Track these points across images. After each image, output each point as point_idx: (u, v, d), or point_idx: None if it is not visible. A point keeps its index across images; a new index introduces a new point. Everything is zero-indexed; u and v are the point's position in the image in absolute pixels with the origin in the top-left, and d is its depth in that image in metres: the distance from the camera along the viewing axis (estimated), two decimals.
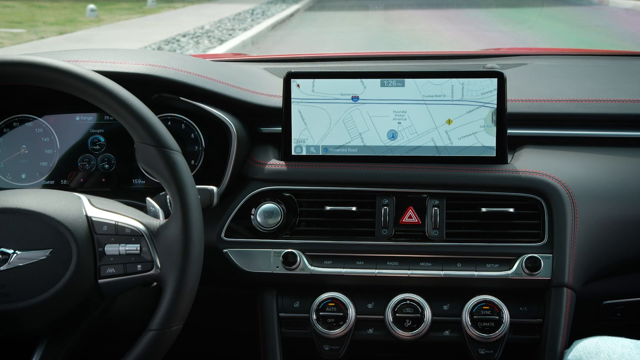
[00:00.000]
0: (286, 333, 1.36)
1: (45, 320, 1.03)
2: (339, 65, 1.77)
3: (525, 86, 1.49)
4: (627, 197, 1.33)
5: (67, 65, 1.03)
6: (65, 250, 1.02)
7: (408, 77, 1.34)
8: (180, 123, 1.40)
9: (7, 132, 1.42)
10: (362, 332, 1.33)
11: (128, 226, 1.05)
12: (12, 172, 1.41)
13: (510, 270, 1.29)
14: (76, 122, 1.43)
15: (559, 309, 1.27)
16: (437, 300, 1.31)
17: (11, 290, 1.01)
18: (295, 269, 1.31)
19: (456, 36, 9.28)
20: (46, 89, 1.07)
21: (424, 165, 1.34)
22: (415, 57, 1.84)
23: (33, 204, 1.05)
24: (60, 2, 14.49)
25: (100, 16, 12.59)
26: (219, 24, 11.33)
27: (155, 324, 1.04)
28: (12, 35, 9.89)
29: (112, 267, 1.04)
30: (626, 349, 1.14)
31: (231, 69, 1.54)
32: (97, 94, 1.03)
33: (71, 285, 1.01)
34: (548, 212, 1.30)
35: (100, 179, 1.41)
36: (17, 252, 1.02)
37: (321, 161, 1.36)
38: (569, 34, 9.62)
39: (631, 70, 1.69)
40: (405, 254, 1.32)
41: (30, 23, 11.43)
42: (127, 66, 1.35)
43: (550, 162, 1.35)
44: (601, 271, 1.32)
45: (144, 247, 1.04)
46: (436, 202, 1.32)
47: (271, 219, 1.33)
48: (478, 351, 1.30)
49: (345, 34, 10.04)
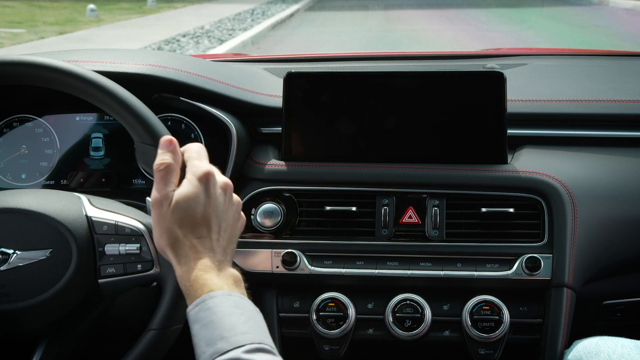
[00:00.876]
0: (286, 333, 1.36)
1: (45, 320, 1.03)
2: (339, 66, 1.77)
3: (525, 86, 1.49)
4: (627, 197, 1.33)
5: (68, 65, 1.03)
6: (65, 250, 1.02)
7: (408, 77, 1.34)
8: (180, 123, 1.40)
9: (7, 132, 1.42)
10: (362, 332, 1.33)
11: (128, 226, 1.05)
12: (12, 172, 1.41)
13: (510, 270, 1.29)
14: (76, 122, 1.43)
15: (559, 309, 1.27)
16: (437, 300, 1.31)
17: (11, 290, 1.01)
18: (295, 269, 1.31)
19: (456, 36, 9.28)
20: (46, 89, 1.07)
21: (424, 165, 1.34)
22: (415, 57, 1.84)
23: (33, 204, 1.05)
24: (60, 2, 14.53)
25: (100, 16, 12.61)
26: (219, 24, 11.34)
27: (155, 323, 1.04)
28: (12, 36, 9.90)
29: (112, 267, 1.04)
30: (626, 349, 1.14)
31: (231, 69, 1.54)
32: (97, 94, 1.03)
33: (71, 285, 1.01)
34: (548, 212, 1.30)
35: (100, 179, 1.41)
36: (17, 252, 1.02)
37: (321, 161, 1.36)
38: (569, 33, 9.62)
39: (631, 70, 1.69)
40: (405, 254, 1.31)
41: (30, 23, 11.46)
42: (127, 66, 1.35)
43: (550, 162, 1.35)
44: (601, 271, 1.32)
45: (144, 246, 1.04)
46: (436, 202, 1.32)
47: (271, 219, 1.33)
48: (478, 351, 1.30)
49: (345, 34, 10.04)
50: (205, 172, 0.95)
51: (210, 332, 0.83)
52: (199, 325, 0.85)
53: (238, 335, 0.82)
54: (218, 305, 0.85)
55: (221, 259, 0.93)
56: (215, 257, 0.92)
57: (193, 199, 0.93)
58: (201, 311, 0.85)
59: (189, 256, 0.91)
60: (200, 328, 0.84)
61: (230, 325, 0.83)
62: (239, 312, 0.85)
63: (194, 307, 0.87)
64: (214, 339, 0.82)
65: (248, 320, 0.85)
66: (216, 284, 0.88)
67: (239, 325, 0.83)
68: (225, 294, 0.87)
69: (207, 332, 0.83)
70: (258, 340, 0.82)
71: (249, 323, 0.85)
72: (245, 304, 0.88)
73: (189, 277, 0.90)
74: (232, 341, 0.81)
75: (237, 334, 0.82)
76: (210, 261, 0.91)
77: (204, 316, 0.85)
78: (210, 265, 0.91)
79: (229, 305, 0.86)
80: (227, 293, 0.87)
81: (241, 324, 0.84)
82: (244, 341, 0.82)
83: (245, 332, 0.83)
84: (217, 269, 0.91)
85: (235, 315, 0.84)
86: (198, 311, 0.86)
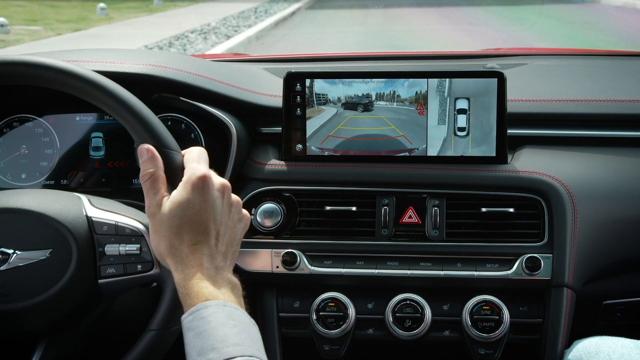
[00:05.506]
0: (286, 333, 1.36)
1: (45, 320, 1.03)
2: (339, 65, 1.77)
3: (525, 86, 1.49)
4: (627, 197, 1.33)
5: (68, 66, 1.03)
6: (65, 250, 1.02)
7: (408, 77, 1.34)
8: (180, 123, 1.40)
9: (7, 132, 1.42)
10: (362, 332, 1.33)
11: (128, 226, 1.05)
12: (12, 172, 1.41)
13: (510, 270, 1.29)
14: (76, 122, 1.42)
15: (559, 309, 1.27)
16: (437, 300, 1.31)
17: (11, 290, 1.01)
18: (295, 269, 1.31)
19: (456, 35, 9.28)
20: (46, 89, 1.07)
21: (424, 165, 1.34)
22: (415, 57, 1.84)
23: (33, 204, 1.05)
24: (69, 2, 14.88)
25: (109, 14, 13.01)
26: (224, 21, 11.63)
27: (155, 324, 1.04)
28: (30, 32, 10.14)
29: (112, 267, 1.04)
30: (626, 348, 1.14)
31: (231, 69, 1.54)
32: (97, 94, 1.03)
33: (71, 285, 1.01)
34: (548, 212, 1.30)
35: (100, 179, 1.41)
36: (17, 252, 1.02)
37: (321, 161, 1.36)
38: (557, 29, 9.64)
39: (631, 70, 1.69)
40: (405, 253, 1.32)
41: (45, 21, 11.77)
42: (127, 66, 1.35)
43: (551, 162, 1.35)
44: (601, 271, 1.32)
45: (144, 247, 1.04)
46: (436, 202, 1.32)
47: (271, 219, 1.33)
48: (478, 351, 1.30)
49: (345, 33, 10.05)
50: (200, 175, 0.94)
51: (202, 342, 0.83)
52: (192, 334, 0.85)
53: (229, 346, 0.82)
54: (212, 315, 0.85)
55: (220, 265, 0.93)
56: (213, 263, 0.92)
57: (187, 205, 0.92)
58: (195, 320, 0.85)
59: (186, 263, 0.91)
60: (193, 337, 0.84)
61: (222, 336, 0.83)
62: (232, 323, 0.85)
63: (188, 315, 0.87)
64: (206, 349, 0.82)
65: (241, 332, 0.85)
66: (212, 293, 0.88)
67: (231, 337, 0.83)
68: (220, 304, 0.87)
69: (200, 341, 0.83)
70: (249, 353, 0.82)
71: (241, 335, 0.84)
72: (240, 315, 0.88)
73: (185, 284, 0.90)
74: (223, 352, 0.81)
75: (228, 345, 0.82)
76: (208, 268, 0.91)
77: (197, 325, 0.85)
78: (207, 272, 0.90)
79: (223, 315, 0.85)
80: (222, 303, 0.87)
81: (234, 335, 0.83)
82: (235, 353, 0.81)
83: (237, 343, 0.83)
84: (214, 276, 0.91)
85: (228, 326, 0.84)
86: (192, 320, 0.86)
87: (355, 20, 12.20)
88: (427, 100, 1.33)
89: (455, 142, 1.34)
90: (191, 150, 1.01)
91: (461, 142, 1.34)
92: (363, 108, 1.35)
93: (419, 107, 1.34)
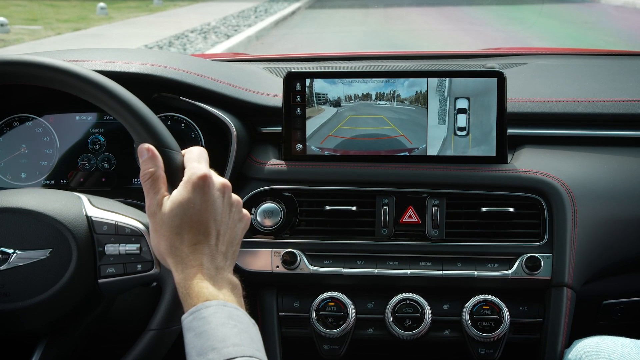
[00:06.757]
0: (286, 333, 1.36)
1: (45, 320, 1.03)
2: (339, 65, 1.77)
3: (525, 86, 1.49)
4: (627, 197, 1.33)
5: (68, 65, 1.03)
6: (65, 250, 1.02)
7: (408, 76, 1.34)
8: (180, 123, 1.40)
9: (7, 132, 1.42)
10: (362, 332, 1.33)
11: (128, 226, 1.05)
12: (12, 171, 1.41)
13: (510, 270, 1.29)
14: (76, 121, 1.43)
15: (559, 309, 1.27)
16: (437, 300, 1.31)
17: (11, 290, 1.01)
18: (295, 268, 1.31)
19: (456, 35, 9.28)
20: (46, 89, 1.07)
21: (424, 165, 1.34)
22: (415, 57, 1.84)
23: (33, 203, 1.05)
24: (69, 1, 14.95)
25: (109, 14, 13.04)
26: (224, 21, 11.66)
27: (155, 323, 1.04)
28: (30, 32, 10.16)
29: (112, 267, 1.04)
30: (626, 348, 1.14)
31: (231, 68, 1.54)
32: (97, 94, 1.03)
33: (71, 285, 1.01)
34: (548, 211, 1.30)
35: (100, 179, 1.41)
36: (17, 251, 1.02)
37: (321, 161, 1.36)
38: (558, 29, 9.64)
39: (631, 70, 1.69)
40: (405, 253, 1.32)
41: (45, 20, 11.81)
42: (127, 66, 1.35)
43: (551, 162, 1.35)
44: (601, 271, 1.32)
45: (144, 246, 1.04)
46: (436, 202, 1.32)
47: (271, 218, 1.33)
48: (478, 351, 1.30)
49: (345, 33, 10.05)
50: (201, 175, 0.94)
51: (202, 342, 0.83)
52: (192, 334, 0.84)
53: (229, 347, 0.82)
54: (212, 315, 0.85)
55: (220, 265, 0.93)
56: (213, 263, 0.92)
57: (188, 205, 0.92)
58: (195, 320, 0.85)
59: (186, 263, 0.91)
60: (193, 337, 0.84)
61: (222, 336, 0.83)
62: (232, 324, 0.85)
63: (188, 315, 0.87)
64: (206, 349, 0.82)
65: (241, 332, 0.85)
66: (212, 293, 0.88)
67: (231, 337, 0.83)
68: (220, 304, 0.87)
69: (200, 341, 0.83)
70: (249, 354, 0.82)
71: (241, 335, 0.84)
72: (240, 316, 0.88)
73: (185, 284, 0.90)
74: (223, 352, 0.81)
75: (228, 345, 0.82)
76: (208, 268, 0.91)
77: (197, 325, 0.84)
78: (207, 272, 0.90)
79: (223, 316, 0.85)
80: (222, 303, 0.87)
81: (234, 335, 0.83)
82: (235, 353, 0.81)
83: (237, 344, 0.83)
84: (214, 276, 0.91)
85: (228, 326, 0.84)
86: (192, 320, 0.86)
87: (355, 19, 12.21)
88: (427, 99, 1.34)
89: (455, 142, 1.34)
90: (191, 150, 1.01)
91: (461, 142, 1.34)
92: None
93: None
